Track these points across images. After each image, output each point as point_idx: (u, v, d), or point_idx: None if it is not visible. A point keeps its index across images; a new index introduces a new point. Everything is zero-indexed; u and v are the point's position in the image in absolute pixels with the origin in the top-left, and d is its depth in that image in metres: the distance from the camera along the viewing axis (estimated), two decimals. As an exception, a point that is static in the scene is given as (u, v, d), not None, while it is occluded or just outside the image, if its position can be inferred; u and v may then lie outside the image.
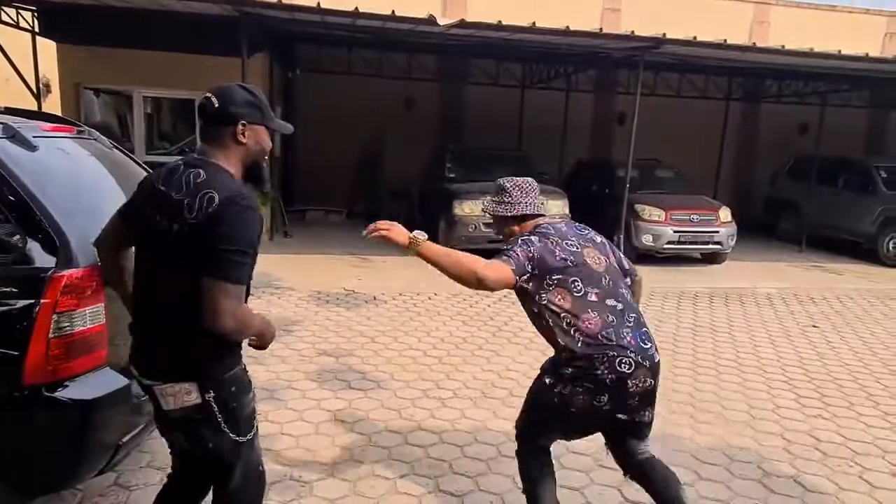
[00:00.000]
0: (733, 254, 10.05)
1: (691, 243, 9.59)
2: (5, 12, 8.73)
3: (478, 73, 13.78)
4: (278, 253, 9.16)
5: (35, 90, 9.43)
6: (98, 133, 3.09)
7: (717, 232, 9.60)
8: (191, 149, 10.78)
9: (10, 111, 3.16)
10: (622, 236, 8.95)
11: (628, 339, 2.39)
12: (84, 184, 2.59)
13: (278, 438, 3.59)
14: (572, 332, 2.40)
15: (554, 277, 2.43)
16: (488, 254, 2.55)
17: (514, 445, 3.51)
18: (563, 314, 2.41)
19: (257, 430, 2.07)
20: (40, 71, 9.80)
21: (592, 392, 2.38)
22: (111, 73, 9.71)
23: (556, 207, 9.12)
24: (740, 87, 14.30)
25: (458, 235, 8.90)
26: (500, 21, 7.65)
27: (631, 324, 2.45)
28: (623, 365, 2.35)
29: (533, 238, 2.52)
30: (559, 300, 2.42)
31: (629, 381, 2.36)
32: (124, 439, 2.35)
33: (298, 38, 12.61)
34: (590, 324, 2.38)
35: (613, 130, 14.51)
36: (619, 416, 2.44)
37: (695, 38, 7.93)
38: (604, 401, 2.39)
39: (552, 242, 2.50)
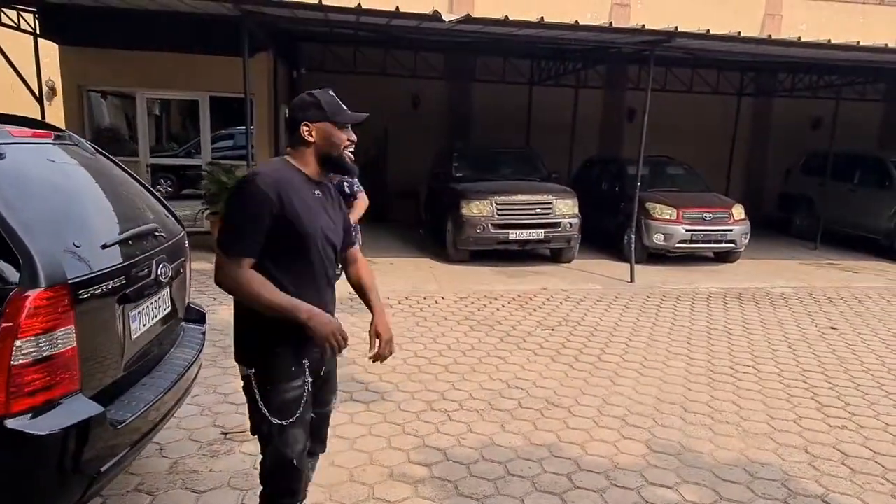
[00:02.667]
0: (746, 252, 9.81)
1: (704, 242, 9.36)
2: (6, 14, 8.60)
3: (485, 70, 13.56)
4: (282, 255, 9.00)
5: (38, 93, 9.30)
6: (79, 138, 2.93)
7: (731, 230, 9.36)
8: (196, 150, 10.67)
9: (-12, 116, 3.01)
10: (633, 235, 8.72)
11: None
12: (57, 193, 2.40)
13: (274, 457, 3.42)
14: None
15: None
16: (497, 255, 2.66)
17: (523, 464, 3.38)
18: None
19: (298, 423, 2.16)
20: (45, 74, 9.69)
21: None
22: (114, 74, 9.58)
23: (566, 207, 8.92)
24: (752, 82, 14.02)
25: (466, 236, 8.71)
26: (506, 16, 7.44)
27: None
28: None
29: None
30: None
31: None
32: (102, 468, 2.18)
33: (303, 38, 12.46)
34: None
35: (623, 127, 14.26)
36: None
37: (708, 31, 7.70)
38: None
39: None
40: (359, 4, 7.19)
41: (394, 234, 11.19)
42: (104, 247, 2.38)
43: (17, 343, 1.89)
